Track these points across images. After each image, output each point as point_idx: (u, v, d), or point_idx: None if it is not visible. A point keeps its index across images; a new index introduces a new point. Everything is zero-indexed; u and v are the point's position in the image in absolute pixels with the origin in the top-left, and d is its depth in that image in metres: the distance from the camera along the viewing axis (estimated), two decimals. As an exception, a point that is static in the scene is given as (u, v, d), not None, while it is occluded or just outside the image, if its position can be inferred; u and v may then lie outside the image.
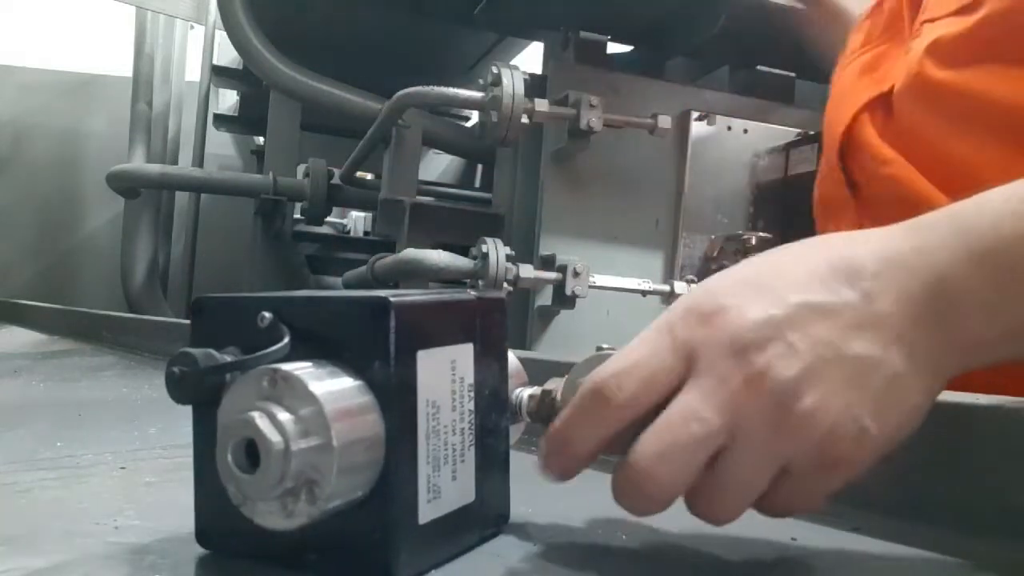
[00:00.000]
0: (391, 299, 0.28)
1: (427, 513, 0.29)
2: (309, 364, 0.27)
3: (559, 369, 0.55)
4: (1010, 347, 0.31)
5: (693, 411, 0.29)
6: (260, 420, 0.26)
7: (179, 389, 0.27)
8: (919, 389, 0.30)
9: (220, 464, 0.27)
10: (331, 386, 0.27)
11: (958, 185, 0.50)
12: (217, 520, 0.30)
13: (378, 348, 0.28)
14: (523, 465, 0.34)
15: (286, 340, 0.27)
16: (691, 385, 0.29)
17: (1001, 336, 0.31)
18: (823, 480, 0.30)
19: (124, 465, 0.45)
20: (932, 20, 0.54)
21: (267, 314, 0.28)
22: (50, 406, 0.74)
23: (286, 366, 0.27)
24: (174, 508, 0.33)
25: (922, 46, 0.53)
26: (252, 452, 0.26)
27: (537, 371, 0.56)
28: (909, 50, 0.56)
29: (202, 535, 0.30)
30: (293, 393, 0.26)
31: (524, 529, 0.35)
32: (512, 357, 0.36)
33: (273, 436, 0.25)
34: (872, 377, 0.29)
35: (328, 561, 0.28)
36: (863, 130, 0.57)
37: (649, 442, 0.29)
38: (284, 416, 0.26)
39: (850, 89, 0.59)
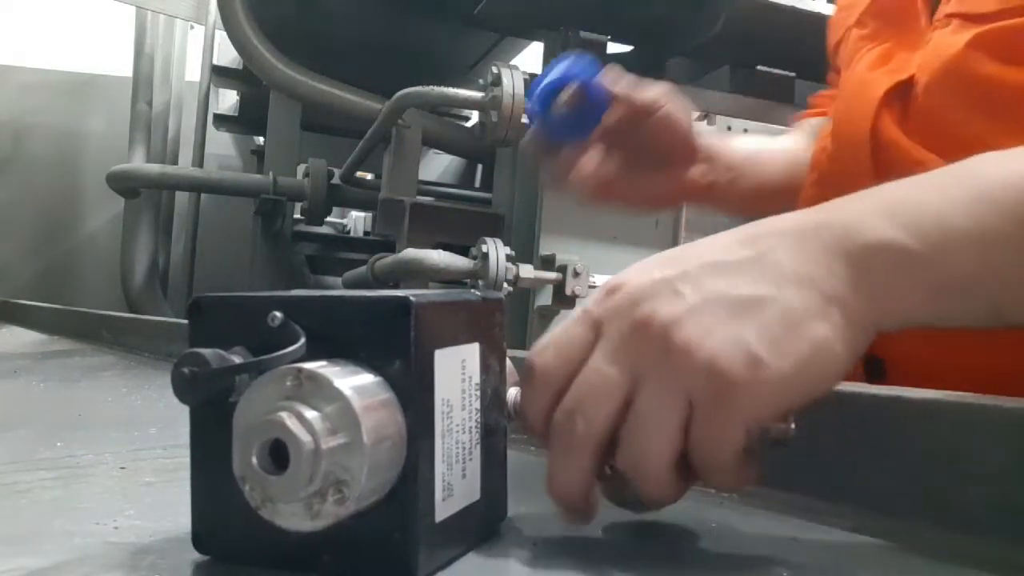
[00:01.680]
0: (412, 298, 0.28)
1: (442, 512, 0.29)
2: (325, 363, 0.27)
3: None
4: (939, 303, 0.32)
5: (593, 368, 0.31)
6: (289, 420, 0.25)
7: (189, 390, 0.26)
8: (825, 324, 0.30)
9: (240, 466, 0.26)
10: (357, 385, 0.27)
11: None
12: (216, 524, 0.29)
13: (400, 347, 0.27)
14: (520, 464, 0.34)
15: (303, 340, 0.27)
16: (596, 348, 0.32)
17: (924, 286, 0.32)
18: (727, 414, 0.30)
19: (124, 465, 0.45)
20: (966, 15, 0.52)
21: (278, 314, 0.28)
22: (50, 406, 0.74)
23: (309, 365, 0.26)
24: (174, 508, 0.33)
25: (963, 39, 0.51)
26: (276, 453, 0.26)
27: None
28: (929, 40, 0.54)
29: (199, 540, 0.30)
30: (320, 392, 0.26)
31: (523, 528, 0.35)
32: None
33: (303, 436, 0.25)
34: (761, 311, 0.30)
35: (343, 562, 0.28)
36: (886, 127, 0.55)
37: (560, 409, 0.32)
38: (312, 414, 0.25)
39: (866, 82, 0.57)
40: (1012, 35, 0.49)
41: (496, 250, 1.59)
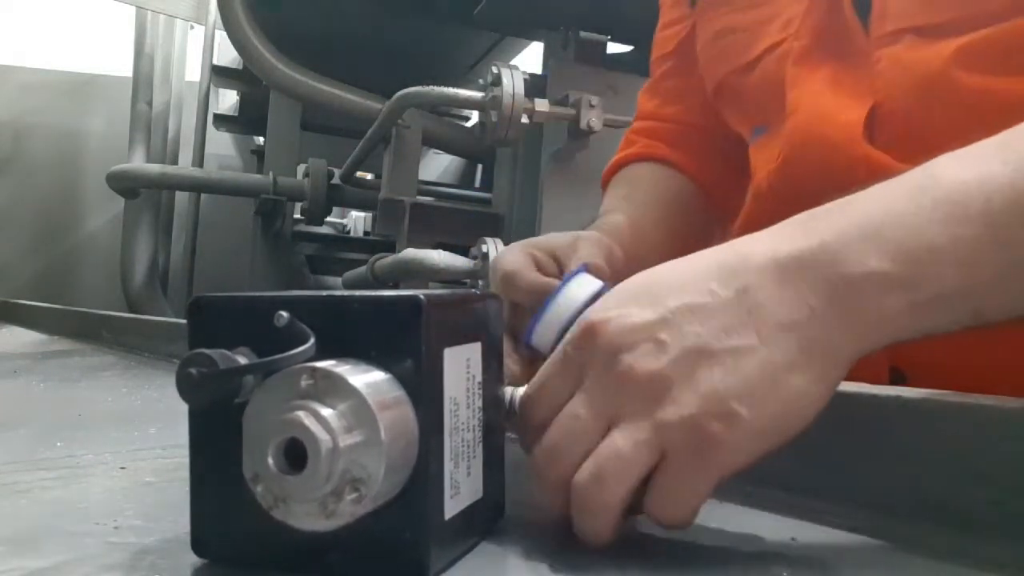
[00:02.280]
0: (423, 297, 0.28)
1: (449, 510, 0.29)
2: (335, 362, 0.27)
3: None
4: (922, 321, 0.32)
5: (570, 413, 0.32)
6: (307, 419, 0.25)
7: (197, 392, 0.26)
8: (804, 374, 0.31)
9: (253, 467, 0.26)
10: (372, 383, 0.27)
11: None
12: (217, 528, 0.29)
13: (412, 347, 0.28)
14: (520, 463, 0.35)
15: (313, 340, 0.27)
16: (576, 395, 0.32)
17: (908, 309, 0.31)
18: (701, 466, 0.30)
19: (124, 465, 0.45)
20: (919, 29, 0.50)
21: (284, 313, 0.28)
22: (50, 406, 0.74)
23: (323, 363, 0.26)
24: (174, 508, 0.33)
25: (936, 54, 0.49)
26: (292, 453, 0.26)
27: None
28: (880, 60, 0.52)
29: (200, 544, 0.29)
30: (336, 391, 0.26)
31: (523, 527, 0.35)
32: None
33: (322, 434, 0.25)
34: (743, 365, 0.30)
35: (352, 563, 0.27)
36: (872, 153, 0.52)
37: (539, 447, 0.33)
38: (329, 412, 0.25)
39: (831, 108, 0.54)
40: (996, 44, 0.48)
41: (496, 250, 1.59)
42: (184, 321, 0.30)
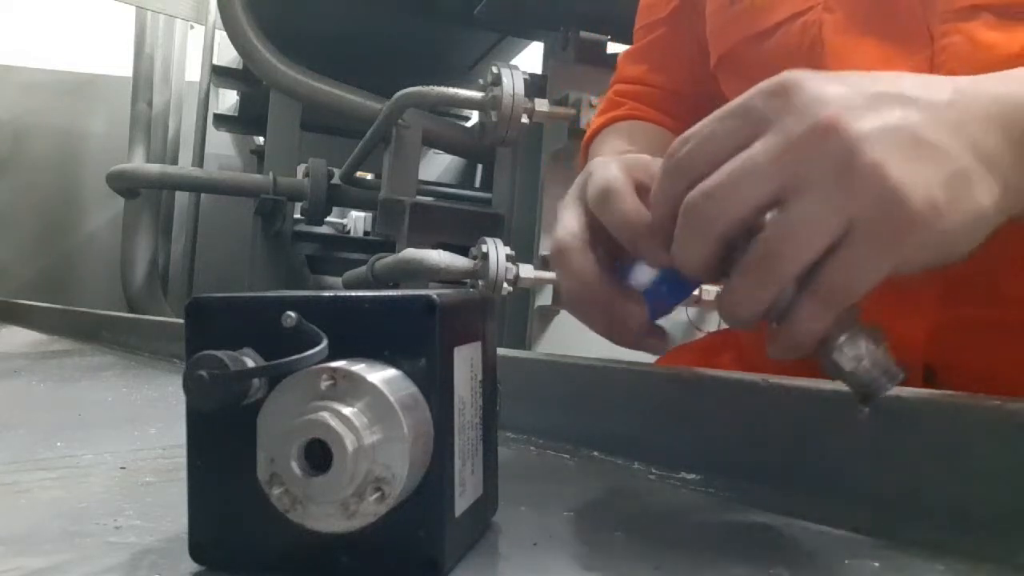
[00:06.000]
0: (436, 297, 0.28)
1: (459, 507, 0.29)
2: (346, 362, 0.27)
3: (558, 368, 0.55)
4: None
5: (748, 157, 0.29)
6: (332, 419, 0.25)
7: (209, 394, 0.25)
8: (986, 191, 0.30)
9: (271, 469, 0.26)
10: (392, 383, 0.27)
11: None
12: (219, 533, 0.29)
13: (427, 346, 0.28)
14: (520, 463, 0.35)
15: (326, 341, 0.27)
16: (757, 142, 0.29)
17: None
18: (887, 245, 0.29)
19: (124, 465, 0.45)
20: (1001, 8, 0.47)
21: (293, 314, 0.27)
22: (50, 406, 0.74)
23: (341, 364, 0.26)
24: (174, 508, 0.33)
25: (1012, 39, 0.47)
26: (312, 454, 0.26)
27: (537, 371, 0.56)
28: (945, 35, 0.49)
29: (200, 550, 0.29)
30: (356, 391, 0.26)
31: (523, 526, 0.35)
32: None
33: (347, 435, 0.25)
34: (941, 163, 0.29)
35: (364, 563, 0.27)
36: None
37: (700, 184, 0.30)
38: (353, 412, 0.25)
39: None
40: None
41: (496, 250, 1.59)
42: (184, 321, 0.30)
